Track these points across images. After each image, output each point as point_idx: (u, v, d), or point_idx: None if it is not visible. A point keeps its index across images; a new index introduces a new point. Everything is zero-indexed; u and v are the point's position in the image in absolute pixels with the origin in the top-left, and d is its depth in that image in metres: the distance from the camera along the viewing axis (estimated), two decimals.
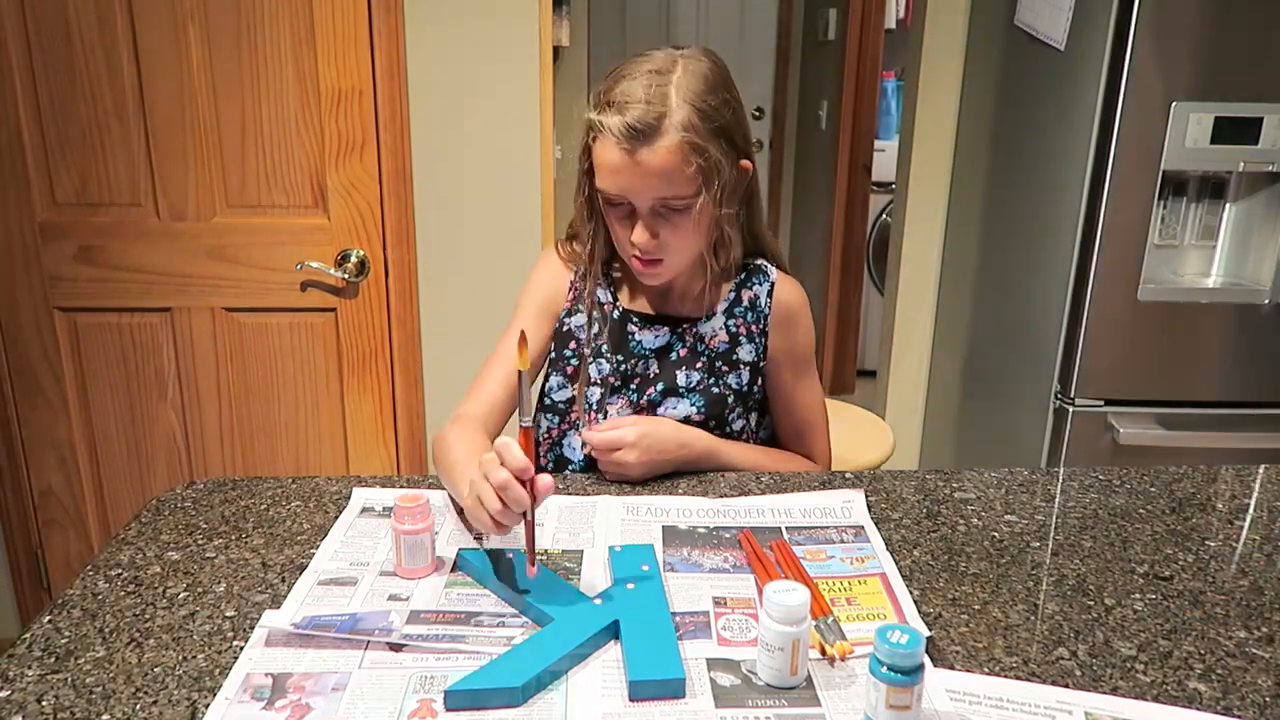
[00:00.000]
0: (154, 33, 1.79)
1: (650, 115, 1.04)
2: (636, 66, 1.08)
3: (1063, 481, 1.18)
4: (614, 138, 1.05)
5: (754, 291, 1.22)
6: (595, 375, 1.22)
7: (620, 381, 1.21)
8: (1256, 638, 0.85)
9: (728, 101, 1.09)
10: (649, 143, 1.04)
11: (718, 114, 1.07)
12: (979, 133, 2.28)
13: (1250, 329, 1.81)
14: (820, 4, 3.85)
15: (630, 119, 1.03)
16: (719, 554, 0.97)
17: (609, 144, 1.06)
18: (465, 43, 1.89)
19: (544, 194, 1.96)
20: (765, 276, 1.23)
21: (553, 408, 1.24)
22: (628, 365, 1.21)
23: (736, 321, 1.22)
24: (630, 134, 1.04)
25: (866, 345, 3.96)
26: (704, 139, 1.05)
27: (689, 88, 1.06)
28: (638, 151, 1.04)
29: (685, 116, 1.05)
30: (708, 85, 1.07)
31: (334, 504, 1.07)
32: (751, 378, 1.22)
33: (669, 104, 1.05)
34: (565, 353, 1.23)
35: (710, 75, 1.08)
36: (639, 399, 1.21)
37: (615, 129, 1.04)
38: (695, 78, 1.07)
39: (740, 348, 1.22)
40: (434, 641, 0.81)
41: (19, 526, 2.05)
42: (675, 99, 1.05)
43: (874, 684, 0.69)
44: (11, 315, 1.92)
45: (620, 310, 1.23)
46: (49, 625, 0.84)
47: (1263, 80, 1.68)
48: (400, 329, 1.98)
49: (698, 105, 1.05)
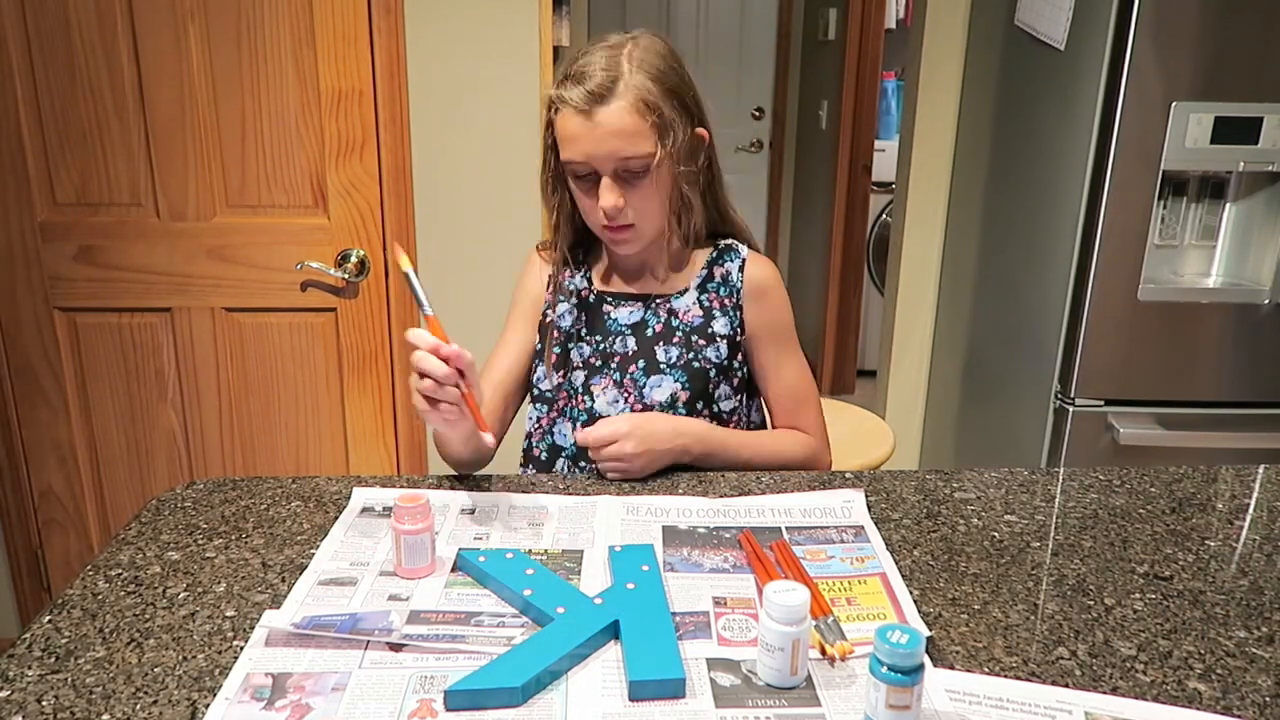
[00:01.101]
0: (154, 33, 1.79)
1: (605, 79, 1.11)
2: (593, 45, 1.16)
3: (1063, 481, 1.18)
4: (571, 106, 1.12)
5: (725, 268, 1.26)
6: (577, 359, 1.25)
7: (601, 361, 1.24)
8: (1256, 638, 0.85)
9: (676, 69, 1.17)
10: (605, 103, 1.11)
11: (668, 77, 1.14)
12: (979, 133, 2.28)
13: (1250, 329, 1.81)
14: (820, 4, 3.85)
15: (587, 85, 1.11)
16: (719, 554, 0.97)
17: (568, 113, 1.13)
18: (465, 42, 1.89)
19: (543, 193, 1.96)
20: (736, 254, 1.27)
21: (540, 397, 1.27)
22: (606, 344, 1.25)
23: (709, 296, 1.25)
24: (587, 98, 1.11)
25: (866, 345, 3.96)
26: (656, 98, 1.12)
27: (640, 57, 1.14)
28: (595, 113, 1.11)
29: (638, 79, 1.12)
30: (659, 55, 1.15)
31: (334, 504, 1.07)
32: (730, 351, 1.24)
33: (622, 69, 1.12)
34: (549, 342, 1.26)
35: (661, 49, 1.16)
36: (622, 378, 1.23)
37: (574, 98, 1.11)
38: (647, 50, 1.15)
39: (715, 321, 1.24)
40: (434, 641, 0.81)
41: (19, 526, 2.05)
42: (628, 66, 1.13)
43: (874, 684, 0.69)
44: (11, 315, 1.92)
45: (595, 293, 1.27)
46: (49, 625, 0.84)
47: (1263, 80, 1.68)
48: (400, 329, 1.98)
49: (648, 70, 1.13)
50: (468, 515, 1.05)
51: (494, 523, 1.03)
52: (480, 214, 1.98)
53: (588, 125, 1.11)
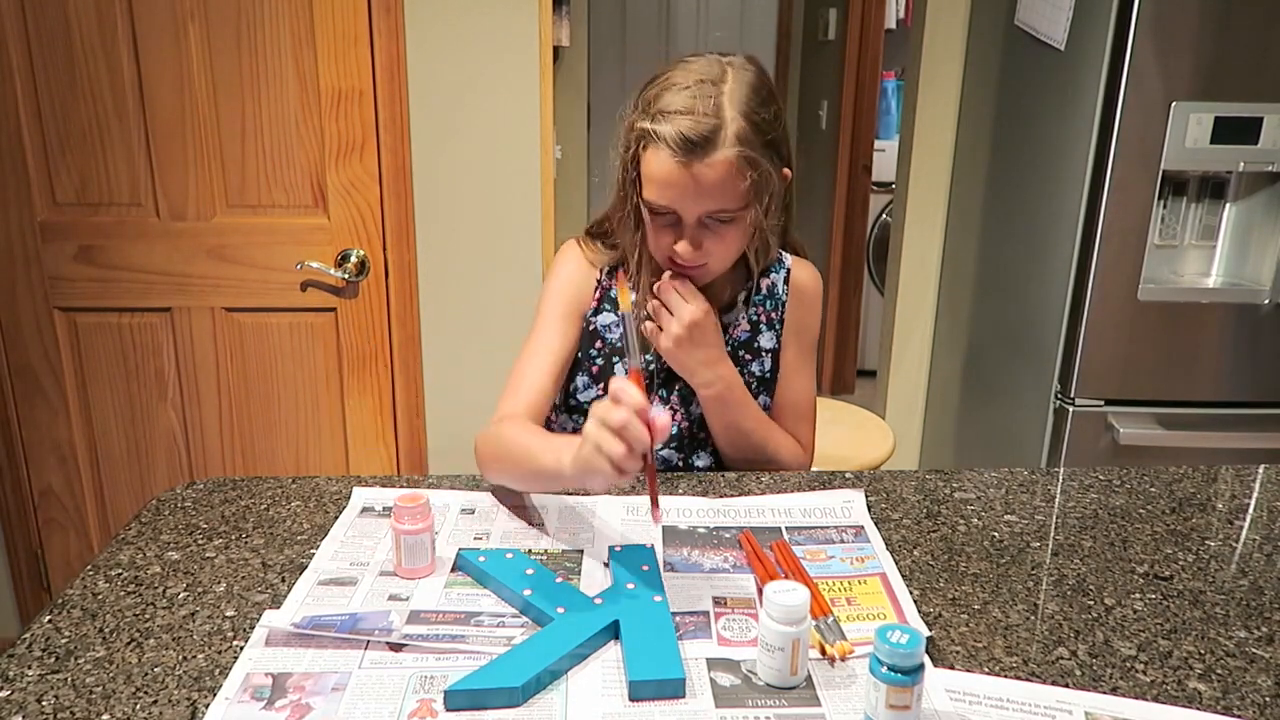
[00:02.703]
0: (154, 33, 1.79)
1: (706, 127, 1.01)
2: (684, 74, 1.05)
3: (1063, 481, 1.18)
4: (669, 149, 1.02)
5: (771, 279, 1.24)
6: (621, 373, 1.21)
7: (646, 379, 1.21)
8: (1256, 638, 0.85)
9: (777, 114, 1.07)
10: (704, 156, 1.02)
11: (769, 126, 1.05)
12: (979, 133, 2.28)
13: (1250, 329, 1.81)
14: (820, 4, 3.85)
15: (686, 130, 1.01)
16: (719, 554, 0.97)
17: (662, 155, 1.03)
18: (465, 43, 1.89)
19: (544, 194, 1.96)
20: (781, 264, 1.25)
21: (578, 408, 1.23)
22: (656, 363, 1.21)
23: (756, 310, 1.23)
24: (686, 146, 1.01)
25: (866, 345, 3.96)
26: (757, 152, 1.04)
27: (742, 98, 1.03)
28: (693, 165, 1.02)
29: (740, 129, 1.02)
30: (759, 96, 1.05)
31: (334, 504, 1.07)
32: (774, 364, 1.24)
33: (724, 116, 1.02)
34: (591, 352, 1.22)
35: (759, 85, 1.06)
36: (669, 395, 1.22)
37: (671, 139, 1.01)
38: (747, 88, 1.05)
39: (761, 335, 1.23)
40: (434, 641, 0.81)
41: (19, 526, 2.05)
42: (730, 111, 1.02)
43: (874, 684, 0.69)
44: (11, 315, 1.92)
45: None
46: (49, 625, 0.84)
47: (1263, 80, 1.68)
48: (400, 329, 1.98)
49: (751, 118, 1.03)
50: (468, 515, 1.05)
51: (494, 523, 1.03)
52: (480, 214, 1.97)
53: (682, 175, 1.02)
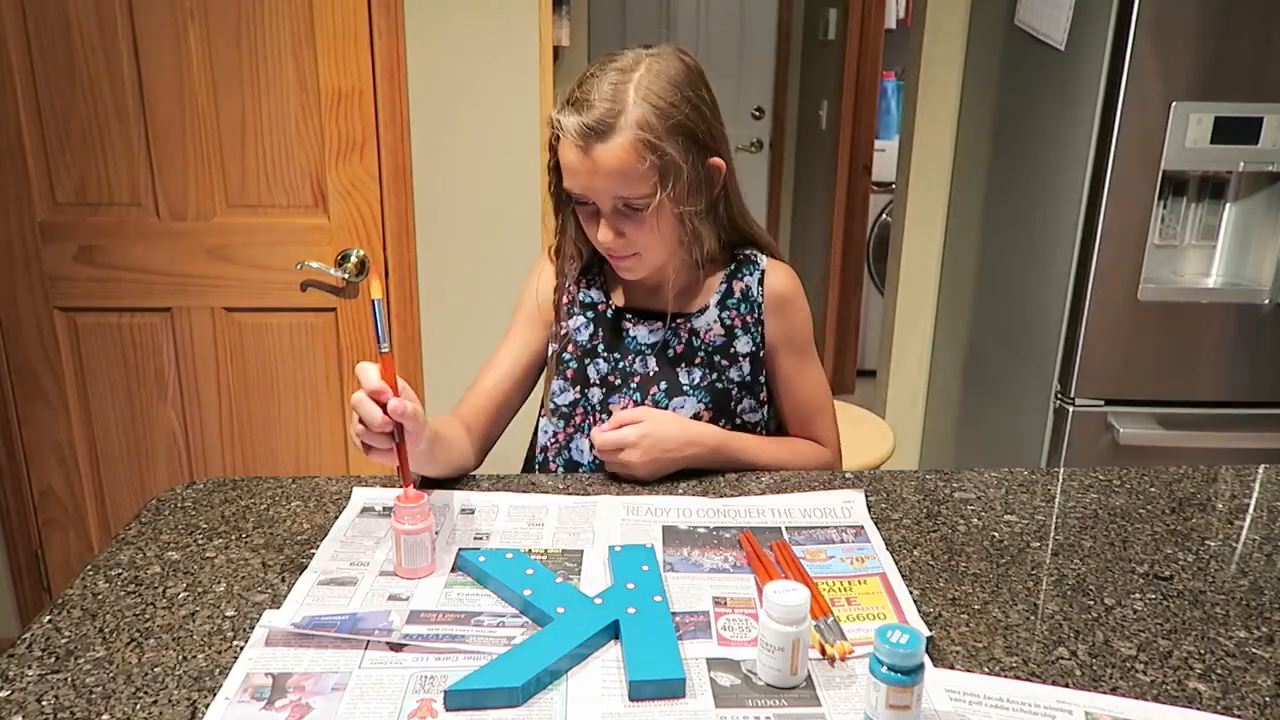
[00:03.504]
0: (154, 33, 1.79)
1: (602, 112, 1.04)
2: (602, 66, 1.09)
3: (1063, 481, 1.18)
4: (570, 136, 1.06)
5: (745, 282, 1.22)
6: (594, 376, 1.21)
7: (620, 380, 1.21)
8: (1256, 638, 0.85)
9: (690, 99, 1.08)
10: (603, 140, 1.04)
11: (676, 110, 1.07)
12: (979, 133, 2.28)
13: (1250, 329, 1.81)
14: (820, 4, 3.85)
15: (586, 118, 1.04)
16: (719, 554, 0.97)
17: (568, 143, 1.07)
18: (465, 43, 1.89)
19: (544, 194, 1.96)
20: (755, 266, 1.23)
21: (556, 411, 1.23)
22: (625, 362, 1.21)
23: (730, 314, 1.22)
24: (584, 132, 1.04)
25: (866, 345, 3.96)
26: (659, 137, 1.05)
27: (648, 86, 1.06)
28: (592, 150, 1.05)
29: (640, 115, 1.04)
30: (670, 83, 1.07)
31: (334, 504, 1.07)
32: (753, 368, 1.22)
33: (625, 102, 1.05)
34: (564, 356, 1.23)
35: (675, 74, 1.08)
36: (642, 399, 1.20)
37: (571, 129, 1.05)
38: (657, 76, 1.07)
39: (737, 340, 1.21)
40: (434, 641, 0.81)
41: (19, 526, 2.05)
42: (633, 97, 1.05)
43: (874, 684, 0.69)
44: (11, 315, 1.92)
45: (613, 309, 1.23)
46: (49, 625, 0.84)
47: (1263, 80, 1.68)
48: (400, 329, 1.98)
49: (654, 103, 1.05)
50: (468, 515, 1.05)
51: (494, 523, 1.03)
52: (480, 214, 1.98)
53: (584, 160, 1.06)
